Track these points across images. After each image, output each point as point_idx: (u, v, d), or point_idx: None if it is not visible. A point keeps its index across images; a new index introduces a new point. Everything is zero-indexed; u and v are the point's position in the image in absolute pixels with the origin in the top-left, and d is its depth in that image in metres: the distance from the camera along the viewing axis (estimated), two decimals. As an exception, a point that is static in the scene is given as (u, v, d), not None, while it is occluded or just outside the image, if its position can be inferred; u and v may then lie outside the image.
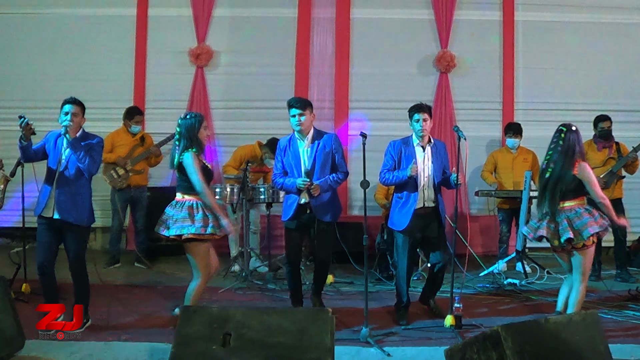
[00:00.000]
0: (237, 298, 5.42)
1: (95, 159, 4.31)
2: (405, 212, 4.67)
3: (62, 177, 4.27)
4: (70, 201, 4.25)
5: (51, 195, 4.27)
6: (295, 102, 4.66)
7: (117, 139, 6.65)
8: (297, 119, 4.61)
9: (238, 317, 3.20)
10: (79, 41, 7.80)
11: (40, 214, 4.32)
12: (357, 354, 3.97)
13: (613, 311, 4.93)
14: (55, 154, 4.33)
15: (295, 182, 4.61)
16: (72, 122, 4.27)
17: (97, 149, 4.37)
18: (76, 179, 4.28)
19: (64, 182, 4.27)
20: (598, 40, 7.82)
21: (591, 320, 3.35)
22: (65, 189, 4.26)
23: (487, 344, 3.12)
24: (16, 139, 4.42)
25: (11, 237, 7.70)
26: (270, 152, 6.57)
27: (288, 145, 4.74)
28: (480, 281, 6.10)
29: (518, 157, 6.79)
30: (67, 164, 4.29)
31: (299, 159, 4.67)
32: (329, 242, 4.79)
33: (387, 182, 4.77)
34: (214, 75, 7.84)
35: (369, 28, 7.86)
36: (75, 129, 4.31)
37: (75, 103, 4.35)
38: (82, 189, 4.33)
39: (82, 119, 4.39)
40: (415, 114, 4.69)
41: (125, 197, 6.64)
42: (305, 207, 4.64)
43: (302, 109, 4.61)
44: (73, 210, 4.26)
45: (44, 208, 4.29)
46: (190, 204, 4.18)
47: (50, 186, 4.28)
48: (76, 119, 4.30)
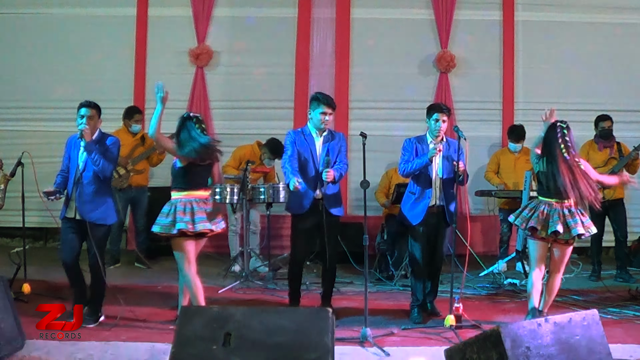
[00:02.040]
0: (238, 298, 5.42)
1: (109, 160, 4.48)
2: (420, 208, 4.71)
3: (82, 179, 4.46)
4: (90, 202, 4.44)
5: (72, 197, 4.45)
6: (331, 101, 4.69)
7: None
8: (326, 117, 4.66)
9: (238, 317, 3.19)
10: (79, 41, 7.80)
11: (65, 215, 4.52)
12: (358, 354, 3.98)
13: (613, 311, 4.93)
14: (74, 157, 4.52)
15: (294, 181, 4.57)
16: (88, 125, 4.42)
17: (112, 149, 4.55)
18: (95, 180, 4.46)
19: (83, 183, 4.45)
20: (598, 40, 7.82)
21: (591, 320, 3.35)
22: (84, 190, 4.44)
23: (487, 344, 3.12)
24: (16, 138, 4.46)
25: (11, 237, 7.71)
26: (269, 153, 6.57)
27: (302, 135, 4.76)
28: (480, 281, 6.10)
29: (520, 157, 6.79)
30: (85, 166, 4.47)
31: (314, 149, 4.71)
32: (337, 238, 4.85)
33: (406, 170, 4.77)
34: (213, 75, 7.84)
35: (369, 28, 7.86)
36: (92, 132, 4.46)
37: (91, 106, 4.54)
38: (102, 189, 4.50)
39: (99, 121, 4.57)
40: (435, 113, 4.74)
41: (126, 197, 6.64)
42: (318, 203, 4.65)
43: (333, 109, 4.69)
44: (93, 210, 4.44)
45: (67, 209, 4.50)
46: (171, 201, 4.30)
47: (72, 189, 4.46)
48: (92, 121, 4.48)
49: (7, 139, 7.38)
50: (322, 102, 4.66)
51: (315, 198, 4.67)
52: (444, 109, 4.77)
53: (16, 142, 6.84)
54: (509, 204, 6.66)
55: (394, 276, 6.10)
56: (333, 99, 4.79)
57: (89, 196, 4.42)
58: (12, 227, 7.23)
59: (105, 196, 4.52)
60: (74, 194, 4.43)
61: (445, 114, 4.74)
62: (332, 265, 4.82)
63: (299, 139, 4.75)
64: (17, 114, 7.70)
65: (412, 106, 7.73)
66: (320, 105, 4.65)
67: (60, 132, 6.78)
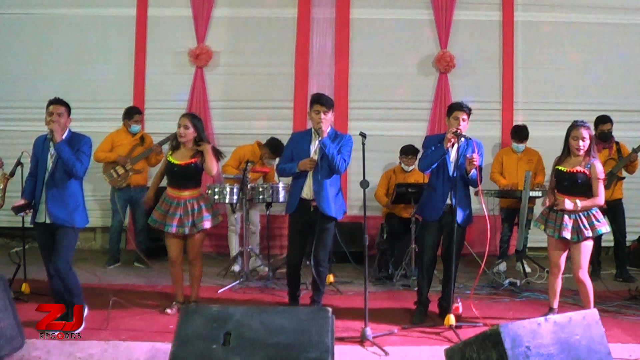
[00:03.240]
0: (237, 297, 5.42)
1: (82, 160, 4.27)
2: (437, 205, 4.70)
3: (51, 180, 4.25)
4: (60, 204, 4.22)
5: (42, 199, 4.25)
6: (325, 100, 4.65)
7: (117, 138, 6.67)
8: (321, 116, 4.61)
9: (238, 316, 3.19)
10: (79, 41, 7.81)
11: (35, 221, 4.32)
12: (357, 354, 3.98)
13: (613, 311, 4.94)
14: (42, 158, 4.29)
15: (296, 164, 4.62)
16: (57, 123, 4.23)
17: (85, 149, 4.32)
18: (65, 180, 4.25)
19: (53, 185, 4.25)
20: (598, 40, 7.82)
21: (591, 320, 3.35)
22: (54, 192, 4.24)
23: (487, 344, 3.12)
24: (16, 138, 4.44)
25: (11, 237, 7.70)
26: (269, 152, 6.58)
27: (302, 139, 4.76)
28: (480, 281, 6.09)
29: (523, 157, 6.78)
30: (54, 166, 4.25)
31: (309, 149, 4.68)
32: (328, 242, 4.72)
33: (424, 163, 4.75)
34: (213, 76, 7.84)
35: (369, 28, 7.86)
36: (61, 130, 4.26)
37: (59, 103, 4.31)
38: (73, 190, 4.30)
39: (68, 119, 4.34)
40: (455, 111, 4.74)
41: (125, 196, 6.65)
42: (309, 202, 4.63)
43: (328, 108, 4.64)
44: (63, 212, 4.22)
45: (37, 214, 4.30)
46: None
47: (41, 191, 4.26)
48: (61, 119, 4.26)
49: (7, 139, 7.38)
50: (316, 102, 4.64)
51: (303, 197, 4.65)
52: (464, 107, 4.75)
53: (16, 142, 6.82)
54: (510, 203, 6.66)
55: (393, 276, 6.10)
56: (330, 98, 4.74)
57: (61, 198, 4.21)
58: (12, 227, 7.22)
59: (77, 198, 4.31)
60: (43, 196, 4.23)
61: (465, 112, 4.73)
62: (318, 269, 4.66)
63: (299, 140, 4.75)
64: (17, 114, 7.69)
65: (412, 106, 7.75)
66: (314, 104, 4.65)
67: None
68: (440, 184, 4.72)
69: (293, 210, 4.70)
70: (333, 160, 4.56)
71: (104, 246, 7.58)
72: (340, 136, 4.75)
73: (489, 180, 7.07)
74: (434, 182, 4.77)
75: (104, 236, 7.59)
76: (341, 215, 4.80)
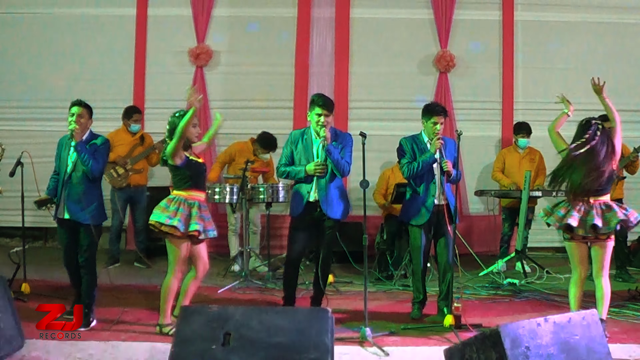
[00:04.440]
0: (237, 298, 5.42)
1: (98, 160, 4.47)
2: (425, 207, 4.71)
3: (70, 179, 4.45)
4: (78, 202, 4.43)
5: (62, 197, 4.46)
6: (327, 103, 4.61)
7: (116, 138, 6.65)
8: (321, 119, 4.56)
9: (238, 316, 3.19)
10: (79, 41, 7.81)
11: (57, 216, 4.52)
12: (357, 354, 3.98)
13: (613, 311, 4.93)
14: (64, 158, 4.52)
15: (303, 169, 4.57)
16: (78, 125, 4.41)
17: (102, 150, 4.53)
18: (84, 180, 4.45)
19: (71, 183, 4.46)
20: (598, 40, 7.82)
21: (591, 320, 3.35)
22: (73, 190, 4.44)
23: (486, 344, 3.12)
24: (16, 138, 4.47)
25: (11, 237, 7.71)
26: (261, 148, 6.62)
27: (301, 138, 4.70)
28: (480, 281, 6.10)
29: (525, 156, 6.77)
30: (74, 166, 4.46)
31: (311, 152, 4.63)
32: (332, 242, 4.75)
33: (412, 171, 4.73)
34: (213, 75, 7.84)
35: (369, 28, 7.86)
36: (82, 131, 4.45)
37: (81, 105, 4.52)
38: (90, 189, 4.48)
39: (89, 121, 4.56)
40: (432, 116, 4.74)
41: (124, 196, 6.65)
42: (315, 205, 4.60)
43: (329, 111, 4.60)
44: (81, 210, 4.41)
45: (58, 210, 4.52)
46: (173, 197, 4.31)
47: (61, 188, 4.47)
48: (82, 120, 4.46)
49: (7, 139, 7.36)
50: (317, 104, 4.60)
51: (310, 201, 4.60)
52: (441, 111, 4.76)
53: (16, 142, 6.82)
54: (511, 203, 6.65)
55: (393, 276, 6.10)
56: (331, 101, 4.70)
57: (78, 196, 4.41)
58: (11, 227, 7.22)
59: (94, 197, 4.50)
60: (64, 194, 4.44)
61: (443, 116, 4.75)
62: (324, 270, 4.70)
63: (299, 140, 4.71)
64: (17, 114, 7.70)
65: (412, 106, 7.71)
66: (315, 107, 4.61)
67: (60, 132, 6.62)
68: (426, 187, 4.74)
69: (298, 213, 4.65)
70: (338, 166, 4.56)
71: (103, 246, 7.56)
72: (340, 135, 4.74)
73: (490, 180, 7.08)
74: (418, 185, 4.77)
75: (104, 236, 7.56)
76: (346, 215, 4.79)
